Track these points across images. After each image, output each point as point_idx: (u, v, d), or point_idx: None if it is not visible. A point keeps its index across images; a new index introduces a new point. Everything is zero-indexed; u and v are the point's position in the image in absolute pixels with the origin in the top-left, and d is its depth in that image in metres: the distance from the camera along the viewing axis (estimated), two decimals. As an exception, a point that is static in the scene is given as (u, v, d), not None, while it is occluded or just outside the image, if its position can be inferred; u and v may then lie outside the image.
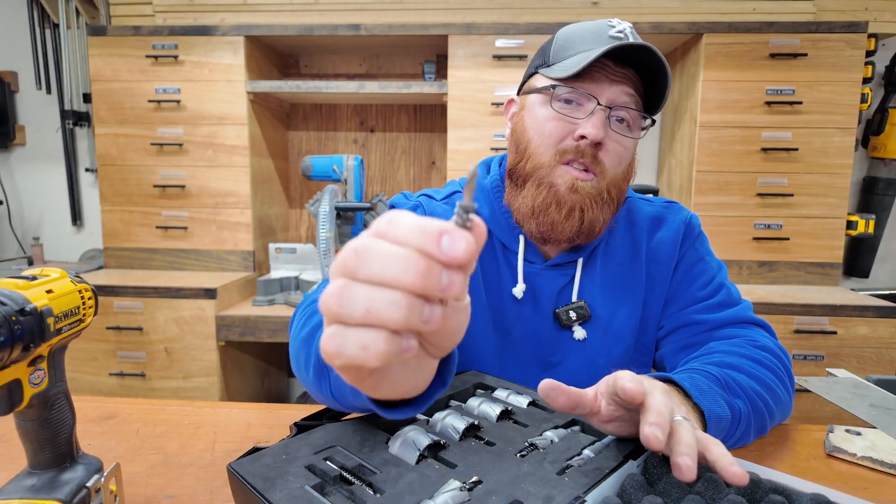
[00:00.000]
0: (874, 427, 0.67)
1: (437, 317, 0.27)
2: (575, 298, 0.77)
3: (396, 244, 0.27)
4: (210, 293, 1.75)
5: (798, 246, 1.88)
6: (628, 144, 0.71)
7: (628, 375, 0.46)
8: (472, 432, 0.51)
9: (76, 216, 2.39)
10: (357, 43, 2.07)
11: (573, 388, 0.48)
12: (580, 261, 0.78)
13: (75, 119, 2.29)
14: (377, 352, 0.26)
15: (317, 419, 0.58)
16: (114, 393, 1.81)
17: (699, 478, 0.43)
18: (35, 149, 2.40)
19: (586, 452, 0.48)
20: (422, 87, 1.93)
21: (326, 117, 2.35)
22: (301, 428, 0.53)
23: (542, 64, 0.73)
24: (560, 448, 0.48)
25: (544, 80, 0.72)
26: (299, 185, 2.39)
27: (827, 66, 1.80)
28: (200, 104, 1.96)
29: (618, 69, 0.68)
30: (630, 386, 0.44)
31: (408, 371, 0.32)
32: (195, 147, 1.98)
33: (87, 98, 2.27)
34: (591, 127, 0.67)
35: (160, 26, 1.94)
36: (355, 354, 0.26)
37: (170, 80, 1.96)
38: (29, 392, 0.40)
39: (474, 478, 0.43)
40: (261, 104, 2.07)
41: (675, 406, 0.47)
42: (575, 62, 0.67)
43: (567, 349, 0.78)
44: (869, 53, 1.86)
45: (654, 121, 0.73)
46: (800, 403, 1.64)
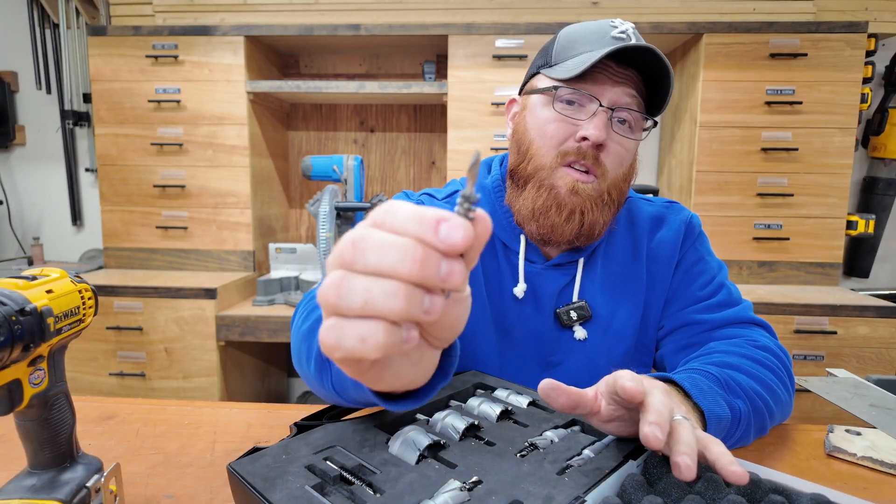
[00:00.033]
0: (874, 427, 0.67)
1: (438, 307, 0.26)
2: (576, 298, 0.77)
3: (394, 233, 0.26)
4: (210, 293, 1.75)
5: (798, 246, 1.88)
6: (630, 146, 0.71)
7: (628, 375, 0.46)
8: (472, 432, 0.51)
9: (76, 216, 2.39)
10: (357, 43, 2.07)
11: (573, 388, 0.48)
12: (581, 261, 0.78)
13: (75, 119, 2.29)
14: (376, 344, 0.26)
15: (317, 419, 0.58)
16: (114, 393, 1.81)
17: (699, 477, 0.43)
18: (35, 149, 2.40)
19: (586, 452, 0.48)
20: (422, 87, 1.93)
21: (326, 117, 2.35)
22: (301, 428, 0.53)
23: (545, 64, 0.73)
24: (560, 448, 0.48)
25: (546, 81, 0.71)
26: (299, 185, 2.39)
27: (827, 66, 1.80)
28: (200, 104, 1.96)
29: (620, 70, 0.68)
30: (630, 385, 0.44)
31: (409, 363, 0.32)
32: (195, 147, 1.98)
33: (87, 98, 2.27)
34: (593, 129, 0.67)
35: (160, 26, 1.94)
36: (354, 347, 0.26)
37: (170, 80, 1.96)
38: (29, 392, 0.40)
39: (474, 478, 0.43)
40: (261, 104, 2.07)
41: (675, 406, 0.47)
42: (577, 63, 0.67)
43: (568, 349, 0.78)
44: (869, 53, 1.86)
45: (656, 122, 0.73)
46: (800, 403, 1.64)
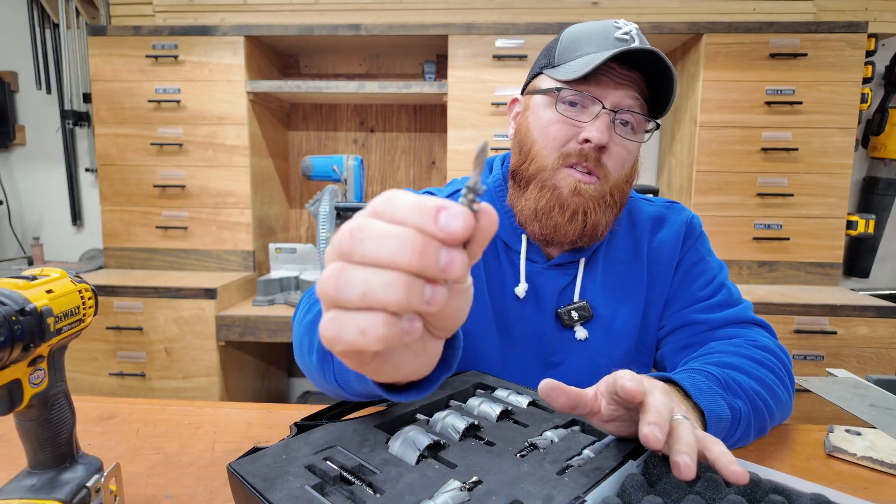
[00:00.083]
0: (874, 427, 0.66)
1: (440, 297, 0.26)
2: (577, 298, 0.77)
3: (393, 223, 0.26)
4: (210, 293, 1.75)
5: (798, 246, 1.88)
6: (632, 148, 0.71)
7: (628, 375, 0.46)
8: (472, 432, 0.51)
9: (76, 216, 2.39)
10: (357, 43, 2.07)
11: (573, 388, 0.48)
12: (582, 261, 0.78)
13: (75, 119, 2.29)
14: (376, 336, 0.25)
15: (317, 419, 0.58)
16: (114, 393, 1.81)
17: (699, 477, 0.43)
18: (35, 149, 2.40)
19: (586, 452, 0.48)
20: (422, 87, 1.93)
21: (326, 117, 2.35)
22: (301, 428, 0.53)
23: (547, 64, 0.73)
24: (560, 448, 0.48)
25: (549, 82, 0.71)
26: (299, 185, 2.39)
27: (827, 66, 1.80)
28: (200, 104, 1.96)
29: (623, 72, 0.68)
30: (630, 385, 0.44)
31: (411, 354, 0.31)
32: (195, 147, 1.98)
33: (87, 98, 2.27)
34: (596, 131, 0.67)
35: (160, 26, 1.94)
36: (354, 339, 0.26)
37: (170, 80, 1.96)
38: (29, 392, 0.40)
39: (474, 478, 0.43)
40: (261, 104, 2.07)
41: (675, 405, 0.47)
42: (580, 65, 0.67)
43: (568, 349, 0.78)
44: (869, 53, 1.86)
45: (659, 125, 0.73)
46: (800, 403, 1.64)
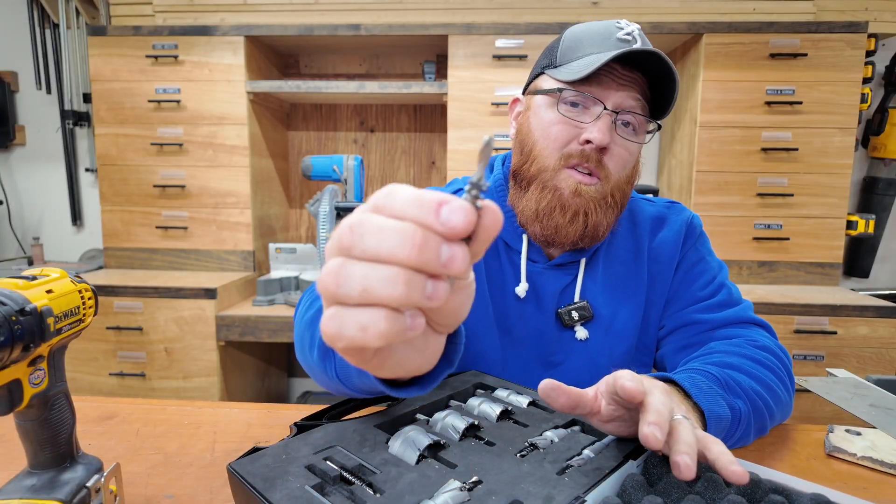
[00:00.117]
0: (874, 427, 0.66)
1: (442, 293, 0.25)
2: (577, 298, 0.77)
3: (393, 217, 0.25)
4: (210, 293, 1.75)
5: (798, 246, 1.87)
6: (633, 149, 0.71)
7: (628, 375, 0.46)
8: (472, 432, 0.51)
9: (76, 216, 2.39)
10: (357, 43, 2.07)
11: (573, 388, 0.48)
12: (583, 261, 0.78)
13: (75, 119, 2.29)
14: (377, 332, 0.25)
15: (317, 419, 0.58)
16: (114, 393, 1.81)
17: (699, 477, 0.43)
18: (35, 149, 2.40)
19: (586, 452, 0.48)
20: (422, 87, 1.93)
21: (326, 117, 2.35)
22: (301, 428, 0.53)
23: (549, 65, 0.73)
24: (560, 448, 0.48)
25: (551, 82, 0.71)
26: (299, 185, 2.39)
27: (827, 66, 1.80)
28: (200, 104, 1.96)
29: (625, 73, 0.68)
30: (630, 385, 0.44)
31: (413, 349, 0.31)
32: (195, 147, 1.98)
33: (87, 98, 2.27)
34: (597, 132, 0.67)
35: (160, 26, 1.94)
36: (355, 336, 0.25)
37: (170, 80, 1.96)
38: (29, 392, 0.40)
39: (474, 478, 0.43)
40: (261, 104, 2.07)
41: (675, 405, 0.47)
42: (582, 65, 0.67)
43: (569, 349, 0.78)
44: (869, 53, 1.86)
45: (660, 126, 0.73)
46: (800, 403, 1.64)
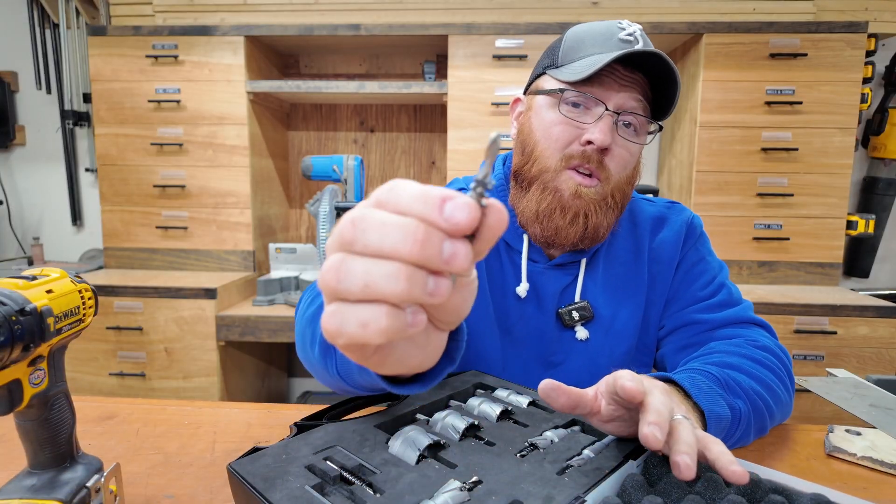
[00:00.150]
0: (874, 427, 0.66)
1: (444, 289, 0.25)
2: (578, 298, 0.77)
3: (396, 213, 0.25)
4: (210, 293, 1.75)
5: (798, 246, 1.87)
6: (634, 150, 0.71)
7: (628, 375, 0.46)
8: (472, 432, 0.51)
9: (76, 216, 2.39)
10: (357, 43, 2.07)
11: (573, 388, 0.48)
12: (583, 261, 0.78)
13: (75, 119, 2.29)
14: (378, 329, 0.25)
15: (317, 419, 0.58)
16: (114, 393, 1.81)
17: (699, 477, 0.43)
18: (35, 149, 2.40)
19: (586, 452, 0.48)
20: (422, 87, 1.93)
21: (326, 117, 2.35)
22: (301, 428, 0.53)
23: (551, 65, 0.73)
24: (560, 448, 0.48)
25: (552, 83, 0.71)
26: (299, 185, 2.39)
27: (827, 66, 1.80)
28: (200, 104, 1.96)
29: (627, 74, 0.68)
30: (630, 385, 0.44)
31: (414, 346, 0.31)
32: (195, 147, 1.98)
33: (87, 98, 2.27)
34: (599, 133, 0.67)
35: (160, 26, 1.94)
36: (356, 332, 0.25)
37: (170, 80, 1.96)
38: (29, 392, 0.40)
39: (474, 478, 0.43)
40: (261, 104, 2.07)
41: (675, 405, 0.47)
42: (584, 66, 0.67)
43: (569, 349, 0.78)
44: (869, 53, 1.86)
45: (662, 127, 0.73)
46: (800, 403, 1.64)
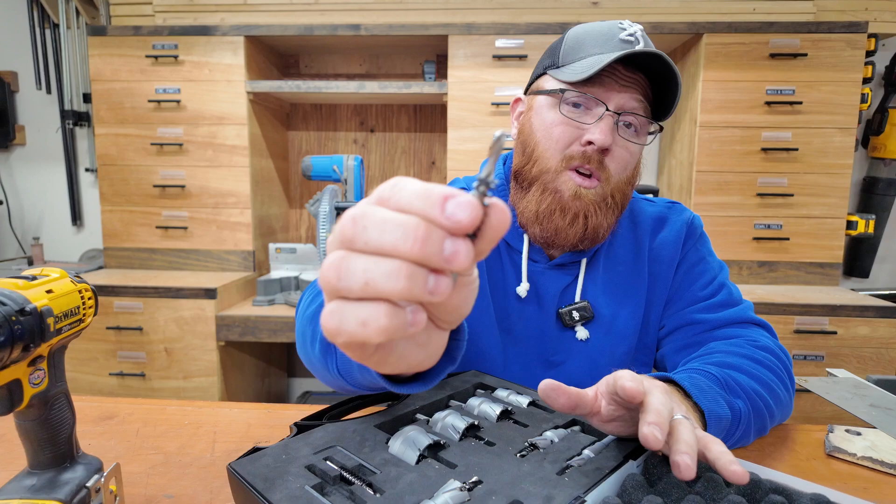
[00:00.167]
0: (874, 427, 0.66)
1: (444, 288, 0.25)
2: (578, 298, 0.77)
3: (397, 210, 0.25)
4: (210, 293, 1.75)
5: (798, 246, 1.87)
6: (635, 150, 0.71)
7: (628, 375, 0.46)
8: (472, 432, 0.51)
9: (76, 216, 2.39)
10: (357, 43, 2.07)
11: (573, 389, 0.48)
12: (584, 261, 0.78)
13: (75, 119, 2.29)
14: (378, 327, 0.25)
15: (317, 419, 0.58)
16: (114, 393, 1.81)
17: (699, 477, 0.43)
18: (35, 149, 2.40)
19: (586, 452, 0.48)
20: (422, 87, 1.93)
21: (326, 117, 2.35)
22: (301, 428, 0.53)
23: (552, 65, 0.73)
24: (560, 448, 0.48)
25: (553, 83, 0.71)
26: (299, 185, 2.39)
27: (827, 66, 1.80)
28: (200, 104, 1.96)
29: (628, 74, 0.68)
30: (630, 385, 0.44)
31: (415, 345, 0.31)
32: (195, 147, 1.98)
33: (87, 98, 2.27)
34: (600, 133, 0.67)
35: (160, 26, 1.94)
36: (355, 331, 0.25)
37: (170, 80, 1.96)
38: (29, 392, 0.40)
39: (474, 478, 0.43)
40: (261, 104, 2.07)
41: (675, 405, 0.47)
42: (585, 66, 0.67)
43: (569, 349, 0.78)
44: (869, 53, 1.86)
45: (662, 127, 0.73)
46: (800, 403, 1.64)
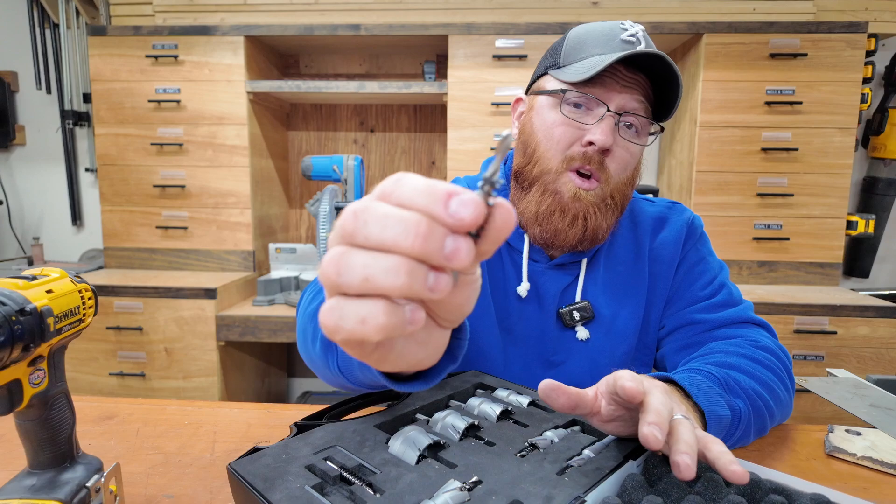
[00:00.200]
0: (874, 427, 0.66)
1: (444, 285, 0.25)
2: (578, 298, 0.77)
3: (399, 206, 0.25)
4: (210, 293, 1.75)
5: (798, 246, 1.87)
6: (635, 151, 0.71)
7: (628, 375, 0.46)
8: (472, 432, 0.51)
9: (76, 216, 2.39)
10: (357, 43, 2.07)
11: (573, 389, 0.48)
12: (584, 261, 0.78)
13: (75, 119, 2.29)
14: (376, 325, 0.24)
15: (317, 419, 0.58)
16: (114, 393, 1.81)
17: (699, 477, 0.43)
18: (35, 149, 2.40)
19: (586, 452, 0.48)
20: (422, 87, 1.93)
21: (326, 117, 2.35)
22: (301, 428, 0.53)
23: (553, 65, 0.73)
24: (560, 448, 0.48)
25: (554, 83, 0.71)
26: (299, 185, 2.39)
27: (827, 66, 1.80)
28: (200, 104, 1.96)
29: (629, 75, 0.68)
30: (630, 385, 0.44)
31: (416, 343, 0.30)
32: (195, 147, 1.98)
33: (87, 98, 2.27)
34: (600, 133, 0.67)
35: (160, 26, 1.94)
36: (354, 329, 0.25)
37: (170, 80, 1.96)
38: (29, 392, 0.40)
39: (474, 478, 0.43)
40: (261, 104, 2.07)
41: (675, 405, 0.47)
42: (586, 67, 0.67)
43: (570, 349, 0.78)
44: (869, 53, 1.86)
45: (663, 128, 0.73)
46: (800, 403, 1.64)
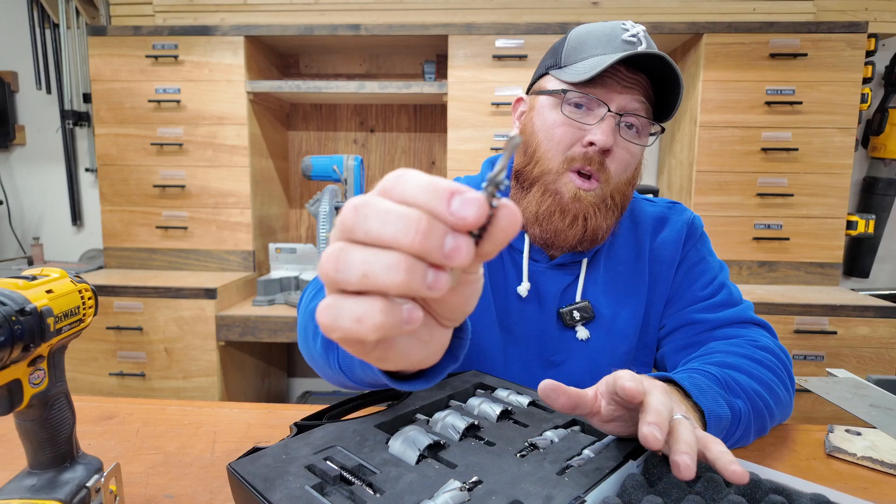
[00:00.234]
0: (874, 427, 0.66)
1: (443, 283, 0.24)
2: (579, 298, 0.77)
3: (401, 202, 0.24)
4: (210, 293, 1.75)
5: (798, 246, 1.87)
6: (636, 151, 0.71)
7: (628, 375, 0.46)
8: (472, 432, 0.51)
9: (76, 216, 2.39)
10: (357, 43, 2.07)
11: (573, 389, 0.48)
12: (584, 261, 0.78)
13: (75, 119, 2.29)
14: (373, 324, 0.24)
15: (317, 419, 0.58)
16: (114, 393, 1.81)
17: (699, 477, 0.43)
18: (35, 149, 2.40)
19: (586, 452, 0.48)
20: (422, 87, 1.93)
21: (326, 117, 2.35)
22: (301, 428, 0.53)
23: (554, 65, 0.73)
24: (560, 448, 0.48)
25: (555, 83, 0.71)
26: (299, 185, 2.39)
27: (827, 66, 1.80)
28: (200, 104, 1.96)
29: (630, 75, 0.68)
30: (629, 385, 0.44)
31: (417, 342, 0.30)
32: (195, 147, 1.98)
33: (87, 98, 2.27)
34: (601, 134, 0.67)
35: (160, 26, 1.94)
36: (350, 327, 0.24)
37: (170, 80, 1.96)
38: (29, 392, 0.40)
39: (474, 478, 0.43)
40: (261, 104, 2.07)
41: (675, 405, 0.47)
42: (587, 67, 0.67)
43: (570, 348, 0.78)
44: (869, 53, 1.86)
45: (664, 128, 0.73)
46: (800, 403, 1.64)
